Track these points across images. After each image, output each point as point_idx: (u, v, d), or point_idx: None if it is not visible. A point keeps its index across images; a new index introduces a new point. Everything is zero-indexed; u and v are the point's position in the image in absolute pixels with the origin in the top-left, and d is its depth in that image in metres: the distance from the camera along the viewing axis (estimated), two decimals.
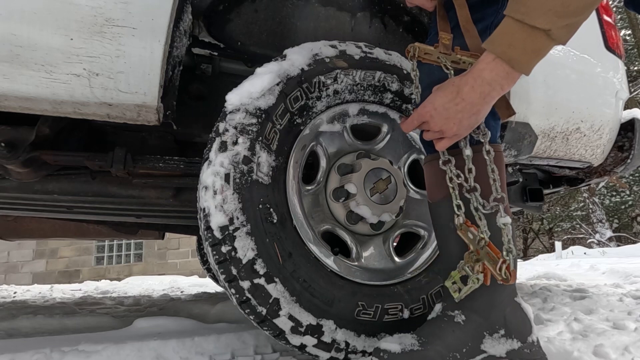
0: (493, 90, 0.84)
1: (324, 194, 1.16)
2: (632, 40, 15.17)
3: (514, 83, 0.85)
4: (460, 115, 0.87)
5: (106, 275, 10.79)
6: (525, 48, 0.80)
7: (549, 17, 0.77)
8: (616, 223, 16.15)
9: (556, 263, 6.45)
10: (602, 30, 1.65)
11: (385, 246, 1.21)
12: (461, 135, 0.91)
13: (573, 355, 1.04)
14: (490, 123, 1.03)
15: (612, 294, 2.14)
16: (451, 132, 0.89)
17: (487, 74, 0.83)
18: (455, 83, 0.87)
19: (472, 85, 0.84)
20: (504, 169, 1.04)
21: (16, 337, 1.57)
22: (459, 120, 0.87)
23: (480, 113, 0.88)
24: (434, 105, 0.89)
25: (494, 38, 0.83)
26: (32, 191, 1.37)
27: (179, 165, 1.30)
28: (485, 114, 0.89)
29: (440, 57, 0.93)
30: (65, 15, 0.94)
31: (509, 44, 0.81)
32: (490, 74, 0.83)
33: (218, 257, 0.96)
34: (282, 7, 1.35)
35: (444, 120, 0.88)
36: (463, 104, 0.86)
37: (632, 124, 1.75)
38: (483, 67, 0.83)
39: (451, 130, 0.89)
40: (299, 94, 1.08)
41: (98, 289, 4.72)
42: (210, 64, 1.40)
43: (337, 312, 1.02)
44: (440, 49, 0.94)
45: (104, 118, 1.01)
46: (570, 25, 0.79)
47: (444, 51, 0.93)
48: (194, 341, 1.19)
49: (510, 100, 1.35)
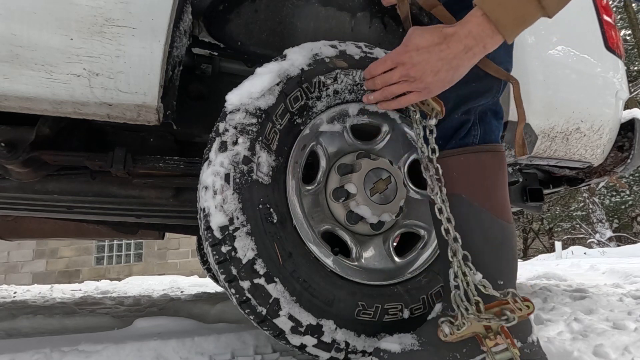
0: (476, 46, 0.83)
1: (324, 194, 1.16)
2: (632, 40, 15.17)
3: (496, 47, 0.85)
4: (440, 64, 0.84)
5: (106, 275, 10.80)
6: (515, 11, 0.80)
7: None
8: (616, 223, 16.16)
9: (556, 263, 6.45)
10: (602, 30, 1.65)
11: (385, 246, 1.20)
12: (431, 91, 0.88)
13: (573, 355, 1.04)
14: (493, 123, 1.03)
15: (612, 294, 2.15)
16: (424, 82, 0.86)
17: (475, 28, 0.82)
18: (442, 30, 0.84)
19: (459, 35, 0.83)
20: (506, 171, 1.04)
21: (16, 337, 1.57)
22: (437, 69, 0.84)
23: (459, 70, 0.86)
24: (417, 45, 0.85)
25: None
26: (32, 191, 1.37)
27: (179, 165, 1.30)
28: (462, 74, 0.87)
29: None
30: (65, 15, 0.94)
31: (498, 3, 0.80)
32: (477, 29, 0.82)
33: (218, 257, 0.96)
34: (282, 7, 1.35)
35: (423, 64, 0.85)
36: (447, 51, 0.83)
37: (632, 124, 1.75)
38: (471, 21, 0.83)
39: (425, 80, 0.86)
40: (299, 94, 1.08)
41: (98, 289, 4.73)
42: (210, 64, 1.40)
43: (337, 312, 1.02)
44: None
45: (104, 118, 1.01)
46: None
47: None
48: (194, 341, 1.19)
49: (510, 101, 1.36)
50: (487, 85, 0.99)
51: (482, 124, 1.01)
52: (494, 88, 1.01)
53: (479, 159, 0.98)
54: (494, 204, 0.97)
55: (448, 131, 1.01)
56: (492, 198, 0.98)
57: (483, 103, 1.01)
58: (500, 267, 0.97)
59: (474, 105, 1.00)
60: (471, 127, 1.00)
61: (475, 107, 1.01)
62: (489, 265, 0.96)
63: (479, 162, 0.99)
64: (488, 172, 0.99)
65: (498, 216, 0.97)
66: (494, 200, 0.98)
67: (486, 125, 1.02)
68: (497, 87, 1.01)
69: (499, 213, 0.97)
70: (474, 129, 1.01)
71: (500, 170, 1.01)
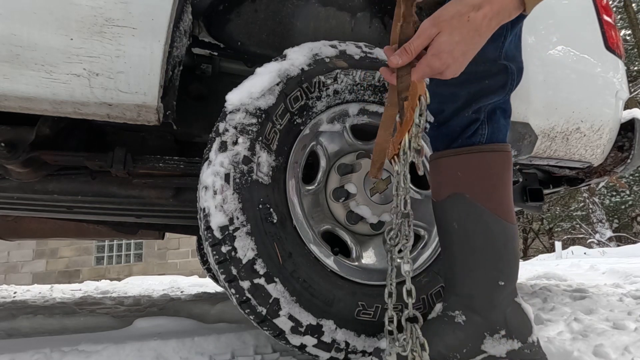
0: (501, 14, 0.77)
1: (324, 194, 1.16)
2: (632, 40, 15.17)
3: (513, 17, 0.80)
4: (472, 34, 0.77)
5: (106, 275, 10.80)
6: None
7: None
8: (616, 223, 16.15)
9: (556, 263, 6.44)
10: (602, 30, 1.65)
11: (386, 246, 1.20)
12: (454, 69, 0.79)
13: (573, 355, 1.04)
14: (501, 122, 1.01)
15: (612, 294, 2.15)
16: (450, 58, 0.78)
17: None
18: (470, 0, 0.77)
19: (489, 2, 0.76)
20: (511, 171, 1.03)
21: (16, 337, 1.57)
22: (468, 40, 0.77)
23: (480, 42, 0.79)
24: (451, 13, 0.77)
25: None
26: (32, 191, 1.37)
27: (179, 165, 1.30)
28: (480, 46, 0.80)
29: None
30: (65, 15, 0.94)
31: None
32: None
33: (218, 257, 0.96)
34: (282, 7, 1.35)
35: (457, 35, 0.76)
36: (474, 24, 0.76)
37: (632, 124, 1.75)
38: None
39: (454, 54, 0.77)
40: (299, 94, 1.08)
41: (98, 289, 4.72)
42: (210, 64, 1.40)
43: (337, 312, 1.02)
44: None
45: (104, 118, 1.01)
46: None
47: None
48: (194, 341, 1.19)
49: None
50: (500, 81, 0.97)
51: (491, 123, 0.99)
52: (507, 84, 0.99)
53: (484, 158, 0.98)
54: (497, 204, 0.97)
55: (456, 130, 0.99)
56: (496, 198, 0.97)
57: (495, 101, 0.99)
58: (502, 267, 0.97)
59: (486, 103, 0.98)
60: (479, 127, 0.99)
61: (486, 105, 0.99)
62: (490, 266, 0.96)
63: (484, 162, 0.98)
64: (492, 172, 0.98)
65: (501, 216, 0.96)
66: (497, 200, 0.97)
67: (494, 125, 1.00)
68: (511, 84, 0.99)
69: (502, 213, 0.97)
70: (482, 128, 0.99)
71: (505, 171, 0.99)
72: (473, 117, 0.98)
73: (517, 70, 1.00)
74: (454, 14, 0.76)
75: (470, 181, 0.97)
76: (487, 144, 0.98)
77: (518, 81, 1.01)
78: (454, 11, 0.77)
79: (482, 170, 0.97)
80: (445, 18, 0.77)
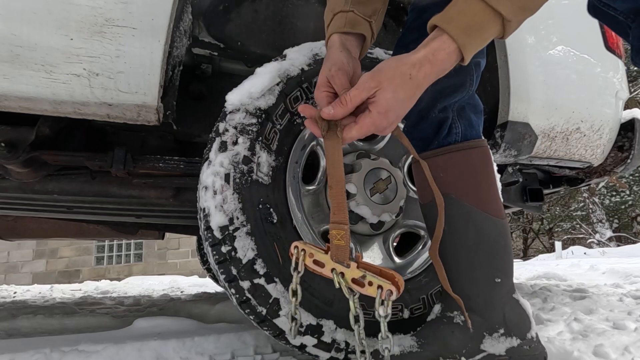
0: (441, 72, 0.74)
1: (324, 194, 1.16)
2: None
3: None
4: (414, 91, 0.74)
5: (106, 275, 10.80)
6: (481, 34, 0.71)
7: (513, 6, 0.70)
8: (616, 223, 16.17)
9: (556, 263, 6.45)
10: (602, 30, 1.65)
11: (385, 246, 1.21)
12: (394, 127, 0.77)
13: (573, 355, 1.04)
14: (473, 118, 1.02)
15: (612, 294, 2.15)
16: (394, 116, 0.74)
17: (442, 55, 0.72)
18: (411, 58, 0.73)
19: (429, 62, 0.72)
20: (493, 165, 1.03)
21: (16, 337, 1.57)
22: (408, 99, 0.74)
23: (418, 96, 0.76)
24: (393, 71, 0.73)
25: (451, 15, 0.72)
26: (32, 191, 1.37)
27: (179, 165, 1.30)
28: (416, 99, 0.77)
29: (335, 270, 0.77)
30: (65, 15, 0.94)
31: (466, 26, 0.71)
32: (443, 55, 0.72)
33: (218, 257, 0.96)
34: (282, 7, 1.35)
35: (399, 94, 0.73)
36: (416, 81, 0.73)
37: (632, 124, 1.75)
38: (439, 47, 0.72)
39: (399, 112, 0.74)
40: (299, 94, 1.08)
41: (98, 289, 4.73)
42: (210, 64, 1.40)
43: (337, 312, 1.02)
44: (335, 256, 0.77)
45: (104, 118, 1.01)
46: (521, 21, 0.73)
47: (340, 260, 0.77)
48: (194, 341, 1.19)
49: (510, 100, 1.36)
50: (459, 79, 0.98)
51: (462, 120, 1.00)
52: (467, 82, 0.99)
53: (464, 156, 0.98)
54: (484, 201, 0.97)
55: (428, 132, 1.00)
56: (482, 195, 0.97)
57: (459, 99, 1.00)
58: (497, 264, 0.97)
59: (450, 101, 0.99)
60: (452, 125, 0.99)
61: (452, 104, 1.00)
62: (485, 264, 0.96)
63: (465, 160, 0.98)
64: (475, 169, 0.98)
65: (489, 213, 0.96)
66: (483, 196, 0.97)
67: (466, 121, 1.01)
68: (470, 81, 1.00)
69: (489, 209, 0.97)
70: (455, 126, 0.99)
71: (486, 166, 1.00)
72: (441, 116, 0.99)
73: (475, 65, 0.99)
74: (395, 71, 0.73)
75: (453, 181, 0.97)
76: (462, 141, 0.99)
77: (478, 76, 1.01)
78: (395, 69, 0.73)
79: (463, 168, 0.98)
80: (387, 75, 0.73)
